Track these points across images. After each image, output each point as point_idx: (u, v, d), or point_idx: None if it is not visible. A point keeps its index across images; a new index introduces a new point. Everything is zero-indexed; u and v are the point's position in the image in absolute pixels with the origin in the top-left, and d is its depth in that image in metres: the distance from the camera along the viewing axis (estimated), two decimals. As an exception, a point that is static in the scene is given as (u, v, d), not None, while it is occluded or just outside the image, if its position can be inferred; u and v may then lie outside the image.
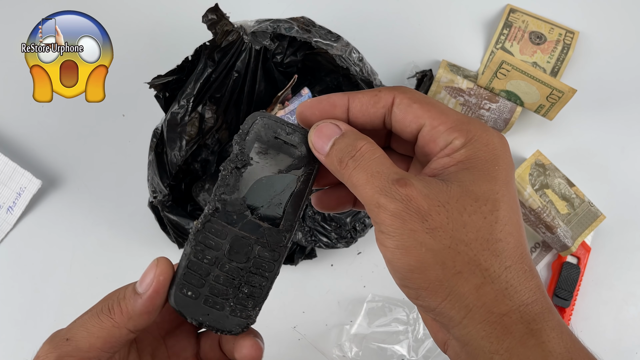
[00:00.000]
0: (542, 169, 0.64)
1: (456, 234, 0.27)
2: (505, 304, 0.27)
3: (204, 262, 0.31)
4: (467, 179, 0.28)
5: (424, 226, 0.27)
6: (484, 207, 0.28)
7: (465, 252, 0.27)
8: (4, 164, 0.63)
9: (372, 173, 0.28)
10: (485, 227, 0.27)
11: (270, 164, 0.31)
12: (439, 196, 0.27)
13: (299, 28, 0.56)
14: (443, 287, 0.27)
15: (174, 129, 0.56)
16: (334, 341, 0.60)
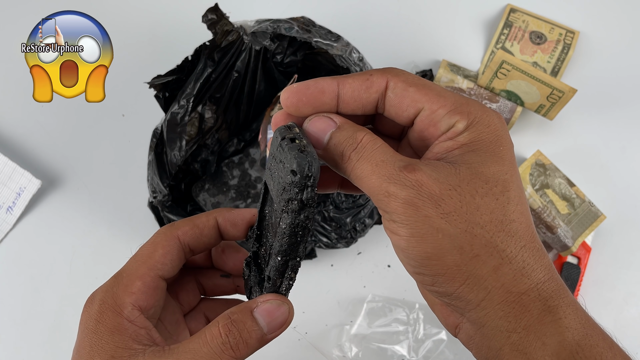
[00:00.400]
0: (542, 169, 0.64)
1: (471, 217, 0.26)
2: (523, 283, 0.27)
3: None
4: (475, 161, 0.27)
5: (438, 211, 0.26)
6: (495, 188, 0.27)
7: (481, 235, 0.26)
8: (4, 164, 0.63)
9: (376, 162, 0.27)
10: (498, 208, 0.27)
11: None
12: (449, 179, 0.27)
13: (299, 28, 0.56)
14: (461, 271, 0.26)
15: (174, 129, 0.56)
16: (334, 341, 0.60)
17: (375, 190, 0.27)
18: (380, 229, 0.64)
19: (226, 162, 0.65)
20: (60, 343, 0.62)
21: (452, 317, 0.30)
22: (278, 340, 0.65)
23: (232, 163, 0.66)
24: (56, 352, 0.62)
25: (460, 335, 0.30)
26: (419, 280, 0.28)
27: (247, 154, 0.66)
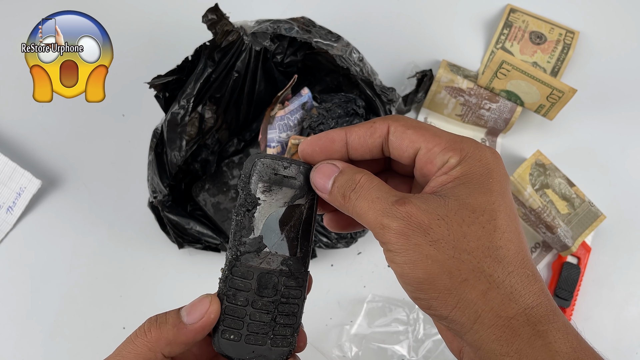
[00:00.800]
0: (542, 169, 0.64)
1: (458, 244, 0.29)
2: (511, 308, 0.28)
3: (238, 305, 0.33)
4: (463, 193, 0.30)
5: (427, 239, 0.29)
6: (482, 217, 0.29)
7: (468, 261, 0.28)
8: (4, 164, 0.63)
9: (372, 199, 0.30)
10: (484, 235, 0.29)
11: (276, 199, 0.34)
12: (437, 210, 0.29)
13: (299, 28, 0.56)
14: (452, 295, 0.28)
15: (174, 129, 0.56)
16: (334, 341, 0.60)
17: (372, 224, 0.30)
18: (380, 229, 0.64)
19: (226, 162, 0.65)
20: (60, 343, 0.62)
21: (455, 341, 0.31)
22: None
23: (232, 163, 0.66)
24: (56, 352, 0.62)
25: (464, 359, 0.31)
26: (418, 304, 0.30)
27: (247, 154, 0.66)
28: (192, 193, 0.64)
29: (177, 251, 0.63)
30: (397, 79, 0.70)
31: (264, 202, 0.34)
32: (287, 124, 0.59)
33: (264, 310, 0.33)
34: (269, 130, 0.60)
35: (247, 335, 0.33)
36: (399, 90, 0.69)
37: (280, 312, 0.34)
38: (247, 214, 0.33)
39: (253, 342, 0.33)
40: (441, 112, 0.69)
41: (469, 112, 0.67)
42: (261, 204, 0.34)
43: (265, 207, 0.34)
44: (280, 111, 0.59)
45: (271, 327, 0.34)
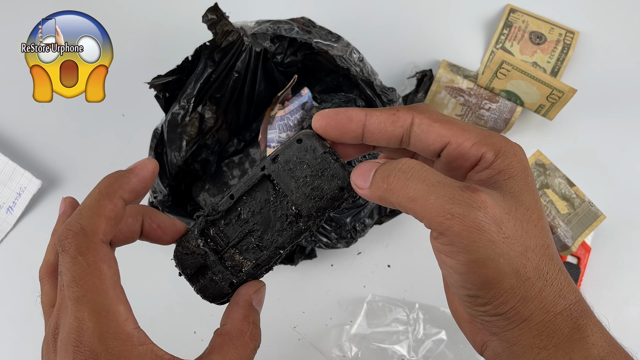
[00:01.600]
0: (542, 169, 0.64)
1: (525, 241, 0.28)
2: (560, 304, 0.28)
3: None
4: (515, 189, 0.29)
5: (500, 235, 0.27)
6: (534, 215, 0.29)
7: (532, 259, 0.28)
8: (4, 164, 0.63)
9: (432, 183, 0.28)
10: (538, 233, 0.28)
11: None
12: (503, 204, 0.28)
13: (299, 29, 0.56)
14: (515, 294, 0.27)
15: (175, 129, 0.56)
16: (334, 341, 0.60)
17: (435, 211, 0.27)
18: (380, 229, 0.64)
19: (226, 162, 0.65)
20: (60, 343, 0.62)
21: (480, 335, 0.31)
22: (278, 340, 0.65)
23: (232, 163, 0.66)
24: (56, 352, 0.62)
25: (486, 353, 0.31)
26: (471, 301, 0.29)
27: (247, 154, 0.66)
28: (192, 193, 0.64)
29: (177, 251, 0.63)
30: (397, 79, 0.70)
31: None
32: (287, 124, 0.59)
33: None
34: (269, 130, 0.60)
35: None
36: (399, 90, 0.69)
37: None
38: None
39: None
40: (441, 112, 0.69)
41: (469, 112, 0.67)
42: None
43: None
44: (280, 111, 0.59)
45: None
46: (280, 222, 0.38)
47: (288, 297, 0.63)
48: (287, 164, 0.36)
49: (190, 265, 0.39)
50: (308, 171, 0.36)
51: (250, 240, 0.38)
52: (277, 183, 0.37)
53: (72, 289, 0.30)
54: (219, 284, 0.38)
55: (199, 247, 0.38)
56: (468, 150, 0.30)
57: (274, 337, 0.61)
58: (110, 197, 0.32)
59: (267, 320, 0.62)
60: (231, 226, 0.38)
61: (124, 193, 0.32)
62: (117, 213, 0.32)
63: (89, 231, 0.30)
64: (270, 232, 0.38)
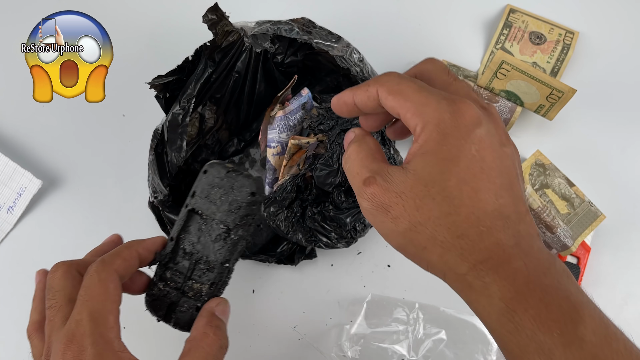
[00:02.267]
0: (542, 169, 0.64)
1: (413, 218, 0.32)
2: (463, 266, 0.32)
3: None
4: (419, 166, 0.33)
5: (388, 217, 0.33)
6: (432, 189, 0.32)
7: (423, 231, 0.32)
8: (5, 164, 0.63)
9: (353, 175, 0.35)
10: (435, 207, 0.32)
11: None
12: (397, 187, 0.33)
13: (299, 29, 0.56)
14: (421, 259, 0.33)
15: (175, 129, 0.56)
16: (334, 341, 0.61)
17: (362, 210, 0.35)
18: (380, 229, 0.64)
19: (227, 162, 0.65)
20: (60, 343, 0.62)
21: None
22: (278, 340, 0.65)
23: (232, 163, 0.66)
24: (56, 352, 0.62)
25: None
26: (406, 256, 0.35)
27: (247, 154, 0.66)
28: (192, 193, 0.64)
29: (177, 251, 0.63)
30: (397, 79, 0.70)
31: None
32: (287, 124, 0.59)
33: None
34: (269, 130, 0.60)
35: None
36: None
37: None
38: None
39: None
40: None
41: (469, 112, 0.67)
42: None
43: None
44: (280, 111, 0.59)
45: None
46: (216, 242, 0.44)
47: (288, 297, 0.63)
48: (202, 193, 0.44)
49: (160, 307, 0.46)
50: (221, 192, 0.43)
51: (200, 267, 0.45)
52: (201, 213, 0.44)
53: (82, 294, 0.38)
54: (188, 312, 0.44)
55: (162, 290, 0.45)
56: (409, 120, 0.33)
57: (274, 336, 0.61)
58: (128, 248, 0.43)
59: (267, 320, 0.62)
60: (181, 262, 0.45)
61: (139, 248, 0.43)
62: (131, 256, 0.42)
63: (108, 262, 0.41)
64: (212, 253, 0.44)
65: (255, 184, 0.43)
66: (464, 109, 0.33)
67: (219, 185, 0.44)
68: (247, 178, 0.43)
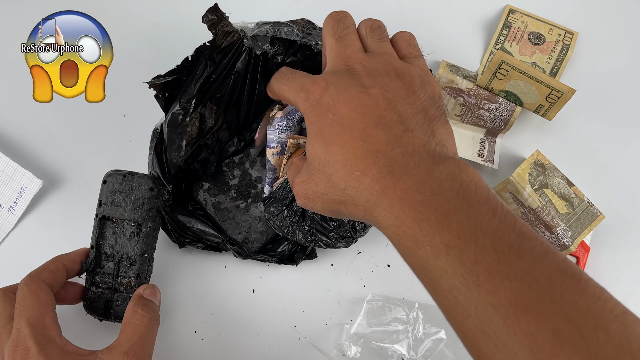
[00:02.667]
0: (541, 169, 0.64)
1: (318, 194, 0.42)
2: (359, 210, 0.39)
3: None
4: (307, 151, 0.42)
5: (311, 202, 0.44)
6: (315, 164, 0.41)
7: (328, 199, 0.41)
8: (5, 164, 0.63)
9: (289, 181, 0.49)
10: (322, 177, 0.40)
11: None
12: (303, 178, 0.43)
13: (299, 31, 0.57)
14: (340, 214, 0.43)
15: (175, 129, 0.56)
16: (334, 341, 0.61)
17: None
18: (380, 229, 0.64)
19: (226, 162, 0.66)
20: (61, 342, 0.62)
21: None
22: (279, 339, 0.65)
23: (232, 163, 0.66)
24: (57, 352, 0.62)
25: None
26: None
27: (248, 154, 0.66)
28: (193, 193, 0.64)
29: (178, 250, 0.63)
30: (396, 79, 0.70)
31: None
32: (287, 125, 0.59)
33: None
34: (269, 130, 0.60)
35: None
36: (399, 90, 0.69)
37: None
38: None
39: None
40: (441, 112, 0.69)
41: (469, 112, 0.67)
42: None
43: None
44: (279, 112, 0.59)
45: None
46: (131, 239, 0.52)
47: (288, 296, 0.63)
48: (107, 200, 0.52)
49: (98, 308, 0.53)
50: (123, 194, 0.52)
51: (124, 264, 0.52)
52: (112, 217, 0.52)
53: (17, 308, 0.45)
54: (123, 305, 0.52)
55: (95, 292, 0.53)
56: (293, 103, 0.46)
57: (274, 336, 0.61)
58: (54, 262, 0.52)
59: (267, 320, 0.62)
60: (107, 265, 0.52)
61: (63, 260, 0.53)
62: (57, 268, 0.50)
63: (35, 275, 0.48)
64: (130, 249, 0.52)
65: (151, 180, 0.52)
66: (311, 88, 0.41)
67: (120, 189, 0.52)
68: (142, 177, 0.52)
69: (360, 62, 0.42)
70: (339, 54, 0.44)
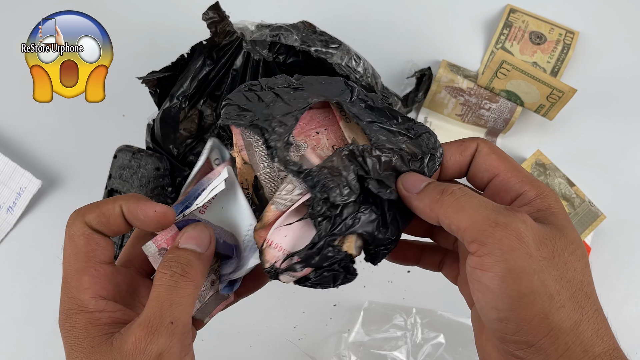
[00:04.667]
0: (542, 169, 0.64)
1: (561, 268, 0.28)
2: (599, 345, 0.27)
3: None
4: (558, 224, 0.30)
5: (538, 253, 0.27)
6: (578, 250, 0.29)
7: (567, 288, 0.28)
8: (4, 164, 0.63)
9: (482, 200, 0.29)
10: (580, 268, 0.28)
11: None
12: (545, 230, 0.29)
13: (297, 36, 0.56)
14: (547, 321, 0.27)
15: (168, 124, 0.56)
16: (332, 350, 0.60)
17: (480, 220, 0.28)
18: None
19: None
20: (60, 343, 0.62)
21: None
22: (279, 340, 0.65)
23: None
24: (56, 352, 0.62)
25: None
26: (501, 328, 0.28)
27: (247, 154, 0.66)
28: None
29: (177, 251, 0.63)
30: (396, 78, 0.70)
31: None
32: None
33: None
34: None
35: None
36: (399, 90, 0.69)
37: None
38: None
39: None
40: (441, 111, 0.69)
41: (469, 112, 0.67)
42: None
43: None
44: None
45: None
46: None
47: (288, 297, 0.63)
48: (116, 174, 0.55)
49: None
50: (131, 171, 0.54)
51: (128, 237, 0.48)
52: (119, 191, 0.55)
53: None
54: None
55: None
56: (513, 185, 0.31)
57: (274, 336, 0.61)
58: (113, 201, 0.36)
59: (267, 321, 0.62)
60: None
61: (127, 205, 0.35)
62: (110, 212, 0.35)
63: (79, 214, 0.35)
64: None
65: (157, 160, 0.53)
66: (573, 237, 0.30)
67: (128, 166, 0.54)
68: (149, 156, 0.54)
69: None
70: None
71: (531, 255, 0.27)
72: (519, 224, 0.27)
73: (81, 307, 0.34)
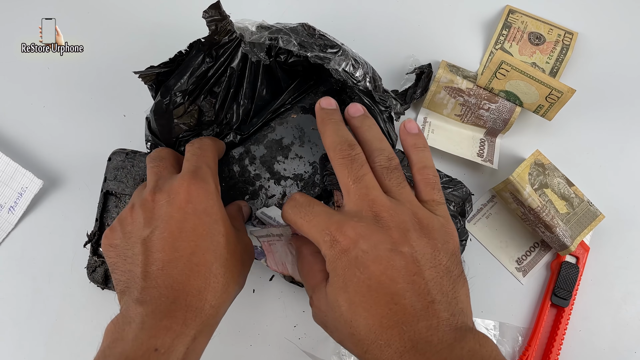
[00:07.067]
0: (541, 169, 0.64)
1: (335, 337, 0.43)
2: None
3: None
4: (329, 295, 0.41)
5: (328, 330, 0.44)
6: (332, 316, 0.41)
7: (339, 339, 0.42)
8: (6, 164, 0.63)
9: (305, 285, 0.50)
10: (343, 329, 0.40)
11: None
12: (320, 316, 0.44)
13: (296, 41, 0.57)
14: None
15: (162, 116, 0.57)
16: (332, 349, 0.61)
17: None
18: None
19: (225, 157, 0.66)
20: (61, 343, 0.62)
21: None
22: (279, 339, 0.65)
23: (232, 158, 0.66)
24: (57, 352, 0.62)
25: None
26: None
27: (248, 150, 0.66)
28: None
29: (178, 251, 0.63)
30: (396, 78, 0.70)
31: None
32: None
33: None
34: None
35: None
36: (398, 86, 0.69)
37: None
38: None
39: None
40: (440, 112, 0.69)
41: (468, 112, 0.67)
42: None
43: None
44: None
45: None
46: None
47: (288, 296, 0.63)
48: (111, 176, 0.57)
49: (99, 277, 0.58)
50: (125, 171, 0.57)
51: None
52: (115, 192, 0.57)
53: (196, 151, 0.51)
54: None
55: (97, 262, 0.58)
56: (313, 242, 0.42)
57: (275, 336, 0.61)
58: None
59: (267, 320, 0.62)
60: None
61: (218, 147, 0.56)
62: (216, 150, 0.54)
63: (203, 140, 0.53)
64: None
65: (144, 158, 0.54)
66: (338, 236, 0.38)
67: (122, 166, 0.57)
68: (143, 156, 0.56)
69: (387, 210, 0.39)
70: (362, 196, 0.41)
71: (335, 338, 0.44)
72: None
73: (213, 194, 0.48)
